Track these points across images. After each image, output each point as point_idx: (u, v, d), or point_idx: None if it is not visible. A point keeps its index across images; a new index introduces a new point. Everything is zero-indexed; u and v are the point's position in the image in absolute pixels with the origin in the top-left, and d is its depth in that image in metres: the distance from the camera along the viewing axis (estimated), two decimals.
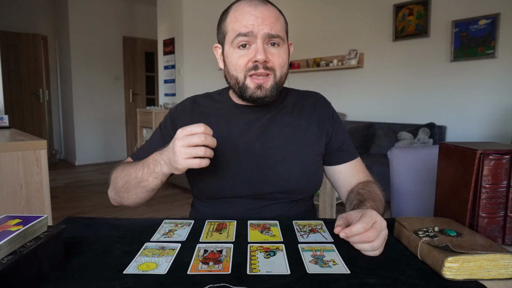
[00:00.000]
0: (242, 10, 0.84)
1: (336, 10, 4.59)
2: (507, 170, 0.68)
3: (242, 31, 0.82)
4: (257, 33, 0.82)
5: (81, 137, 5.65)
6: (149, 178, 0.79)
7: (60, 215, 3.16)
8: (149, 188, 0.82)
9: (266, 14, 0.83)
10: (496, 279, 0.55)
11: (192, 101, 1.00)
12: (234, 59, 0.85)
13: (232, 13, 0.85)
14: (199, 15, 4.49)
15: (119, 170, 0.89)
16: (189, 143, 0.68)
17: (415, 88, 3.90)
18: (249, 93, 0.86)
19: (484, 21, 3.33)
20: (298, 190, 0.92)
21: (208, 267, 0.58)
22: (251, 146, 0.91)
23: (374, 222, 0.62)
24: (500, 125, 3.34)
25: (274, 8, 0.87)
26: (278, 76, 0.86)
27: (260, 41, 0.82)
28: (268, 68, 0.84)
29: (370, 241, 0.61)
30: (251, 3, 0.84)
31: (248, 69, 0.84)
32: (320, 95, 1.03)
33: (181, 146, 0.69)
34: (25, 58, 5.51)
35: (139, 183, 0.82)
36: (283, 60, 0.86)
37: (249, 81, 0.85)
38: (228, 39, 0.86)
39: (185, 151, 0.69)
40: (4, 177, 1.56)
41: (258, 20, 0.82)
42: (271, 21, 0.83)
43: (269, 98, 0.87)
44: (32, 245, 0.53)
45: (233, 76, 0.87)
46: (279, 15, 0.87)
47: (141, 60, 6.29)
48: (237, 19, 0.83)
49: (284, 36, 0.87)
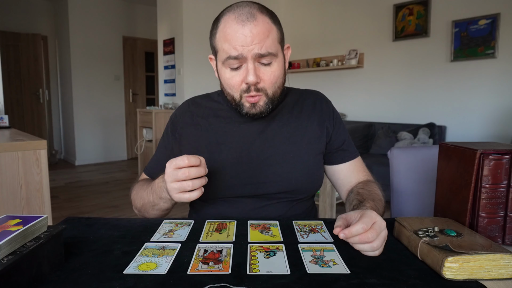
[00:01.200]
0: (230, 28, 0.79)
1: (336, 10, 4.60)
2: (507, 170, 0.68)
3: (232, 54, 0.79)
4: (247, 54, 0.79)
5: (81, 137, 5.65)
6: (160, 202, 0.84)
7: (60, 215, 3.16)
8: (163, 208, 0.87)
9: (255, 31, 0.78)
10: (496, 279, 0.55)
11: (191, 102, 1.01)
12: (227, 79, 0.85)
13: (221, 29, 0.81)
14: (199, 15, 4.49)
15: (135, 191, 0.94)
16: (176, 179, 0.71)
17: (415, 88, 3.90)
18: (245, 110, 0.86)
19: (484, 21, 3.33)
20: (299, 190, 0.92)
21: (208, 267, 0.58)
22: (250, 146, 0.91)
23: (374, 223, 0.62)
24: (500, 125, 3.34)
25: (264, 19, 0.80)
26: (270, 94, 0.85)
27: (251, 62, 0.80)
28: (259, 89, 0.83)
29: (369, 242, 0.61)
30: (239, 18, 0.79)
31: (243, 90, 0.83)
32: (320, 94, 1.02)
33: (170, 182, 0.72)
34: (25, 58, 5.51)
35: (153, 206, 0.87)
36: (275, 77, 0.84)
37: (244, 100, 0.85)
38: (219, 58, 0.85)
39: (174, 187, 0.72)
40: (4, 177, 1.56)
41: (247, 39, 0.78)
42: (261, 39, 0.78)
43: (264, 113, 0.87)
44: (32, 245, 0.53)
45: (229, 93, 0.87)
46: (270, 27, 0.81)
47: (141, 60, 6.29)
48: (226, 38, 0.80)
49: (276, 50, 0.82)
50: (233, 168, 0.90)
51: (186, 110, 0.99)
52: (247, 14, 0.79)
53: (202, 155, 0.90)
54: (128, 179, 4.73)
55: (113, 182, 4.55)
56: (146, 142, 4.74)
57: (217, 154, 0.91)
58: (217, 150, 0.91)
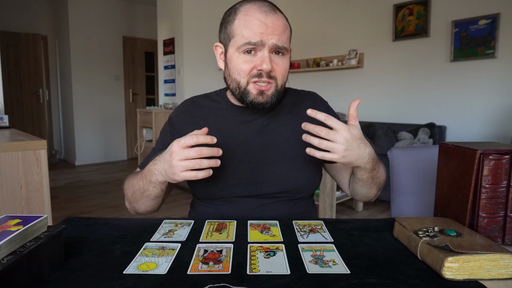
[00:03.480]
0: (252, 16, 0.82)
1: (336, 10, 4.59)
2: (507, 170, 0.68)
3: (252, 40, 0.82)
4: (266, 42, 0.82)
5: (81, 137, 5.64)
6: (149, 187, 0.83)
7: (60, 215, 3.16)
8: (152, 196, 0.85)
9: (276, 23, 0.83)
10: (496, 279, 0.55)
11: (190, 102, 1.01)
12: (238, 64, 0.85)
13: (241, 16, 0.84)
14: (199, 15, 4.49)
15: (128, 181, 0.93)
16: (186, 157, 0.70)
17: (415, 88, 3.90)
18: (250, 98, 0.86)
19: (484, 21, 3.33)
20: (298, 189, 0.92)
21: (208, 267, 0.58)
22: (249, 145, 0.91)
23: (341, 129, 0.71)
24: (500, 125, 3.34)
25: (282, 16, 0.86)
26: (279, 85, 0.87)
27: (267, 50, 0.83)
28: (271, 77, 0.85)
29: (319, 135, 0.72)
30: (262, 9, 0.83)
31: (252, 76, 0.85)
32: (316, 95, 1.04)
33: (178, 160, 0.71)
34: (25, 58, 5.51)
35: (142, 193, 0.85)
36: (285, 69, 0.88)
37: (252, 87, 0.85)
38: (234, 43, 0.85)
39: (182, 164, 0.71)
40: (4, 177, 1.56)
41: (268, 29, 0.81)
42: (280, 32, 0.83)
43: (269, 104, 0.88)
44: (32, 245, 0.53)
45: (235, 79, 0.87)
46: (286, 25, 0.87)
47: (141, 60, 6.29)
48: (247, 25, 0.82)
49: (288, 46, 0.87)
50: (232, 168, 0.90)
51: (185, 110, 0.99)
52: (268, 6, 0.84)
53: None
54: None
55: (113, 182, 4.55)
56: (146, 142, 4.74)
57: (216, 153, 0.91)
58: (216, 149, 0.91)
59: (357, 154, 0.75)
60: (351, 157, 0.74)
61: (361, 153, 0.76)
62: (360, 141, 0.75)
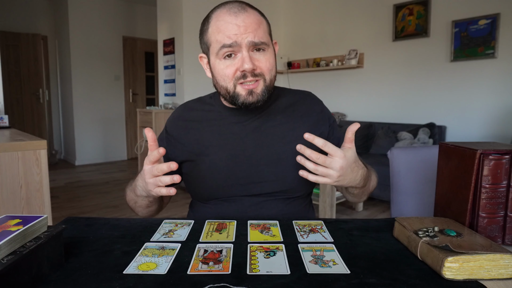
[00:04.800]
0: (223, 20, 0.82)
1: (336, 10, 4.59)
2: (507, 170, 0.68)
3: (226, 42, 0.81)
4: (241, 42, 0.81)
5: (81, 137, 5.64)
6: (137, 199, 0.88)
7: (60, 215, 3.16)
8: (144, 206, 0.91)
9: (248, 21, 0.82)
10: (496, 279, 0.55)
11: (183, 107, 1.02)
12: (221, 70, 0.85)
13: (213, 23, 0.84)
14: (199, 15, 4.47)
15: (127, 188, 0.97)
16: (151, 175, 0.73)
17: (415, 88, 3.90)
18: (241, 100, 0.86)
19: (484, 21, 3.33)
20: (295, 189, 0.93)
21: (208, 267, 0.58)
22: (244, 146, 0.92)
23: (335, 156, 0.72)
24: (500, 125, 3.34)
25: (254, 12, 0.85)
26: (268, 80, 0.86)
27: (245, 50, 0.82)
28: (257, 74, 0.84)
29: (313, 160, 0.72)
30: (231, 11, 0.82)
31: (237, 78, 0.84)
32: (312, 94, 1.04)
33: (148, 178, 0.74)
34: (25, 58, 5.51)
35: (135, 203, 0.91)
36: (271, 64, 0.86)
37: (240, 88, 0.85)
38: (212, 51, 0.86)
39: (151, 182, 0.74)
40: (4, 177, 1.56)
41: (241, 29, 0.81)
42: (254, 28, 0.82)
43: (260, 102, 0.87)
44: (32, 245, 0.53)
45: (223, 86, 0.87)
46: (260, 19, 0.85)
47: (141, 60, 6.29)
48: (219, 29, 0.82)
49: (268, 40, 0.86)
50: (228, 169, 0.91)
51: (179, 115, 1.00)
52: (238, 7, 0.84)
53: (197, 158, 0.92)
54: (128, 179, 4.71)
55: (113, 182, 4.55)
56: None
57: (212, 155, 0.92)
58: (212, 151, 0.92)
59: (350, 178, 0.77)
60: (344, 181, 0.77)
61: (354, 176, 0.78)
62: (354, 165, 0.77)
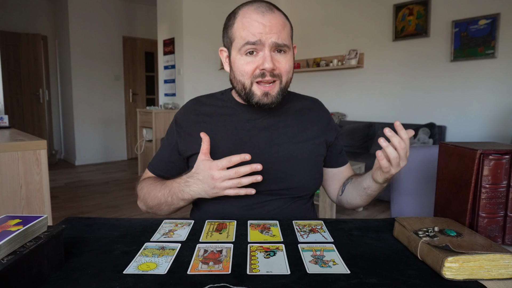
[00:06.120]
0: (250, 17, 0.84)
1: (336, 10, 4.59)
2: (507, 170, 0.68)
3: (250, 39, 0.83)
4: (265, 41, 0.83)
5: (81, 137, 5.64)
6: (179, 203, 0.90)
7: (60, 215, 3.16)
8: (180, 206, 0.93)
9: (274, 22, 0.84)
10: (496, 279, 0.55)
11: (195, 101, 1.03)
12: (241, 65, 0.87)
13: (239, 19, 0.86)
14: (199, 15, 4.49)
15: (146, 191, 0.97)
16: (226, 178, 0.77)
17: (415, 88, 3.90)
18: (255, 99, 0.88)
19: (484, 21, 3.33)
20: (302, 187, 0.94)
21: (208, 267, 0.58)
22: (255, 143, 0.93)
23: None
24: (500, 125, 3.34)
25: (280, 14, 0.87)
26: (284, 82, 0.88)
27: (268, 50, 0.84)
28: (275, 75, 0.86)
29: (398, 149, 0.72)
30: (259, 10, 0.84)
31: (255, 76, 0.86)
32: (319, 102, 1.08)
33: (220, 182, 0.78)
34: (25, 58, 5.51)
35: (170, 206, 0.92)
36: (290, 66, 0.88)
37: (256, 88, 0.87)
38: (235, 46, 0.87)
39: (225, 185, 0.78)
40: (4, 177, 1.56)
41: (266, 29, 0.83)
42: (278, 29, 0.84)
43: (275, 104, 0.89)
44: (32, 245, 0.53)
45: (240, 81, 0.88)
46: (285, 22, 0.87)
47: (141, 60, 6.28)
48: (245, 26, 0.84)
49: (290, 43, 0.88)
50: (238, 165, 0.90)
51: (191, 109, 1.01)
52: (265, 6, 0.86)
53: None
54: (128, 179, 4.73)
55: (113, 182, 4.55)
56: (146, 142, 4.74)
57: (222, 149, 0.92)
58: (222, 146, 0.93)
59: None
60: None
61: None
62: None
